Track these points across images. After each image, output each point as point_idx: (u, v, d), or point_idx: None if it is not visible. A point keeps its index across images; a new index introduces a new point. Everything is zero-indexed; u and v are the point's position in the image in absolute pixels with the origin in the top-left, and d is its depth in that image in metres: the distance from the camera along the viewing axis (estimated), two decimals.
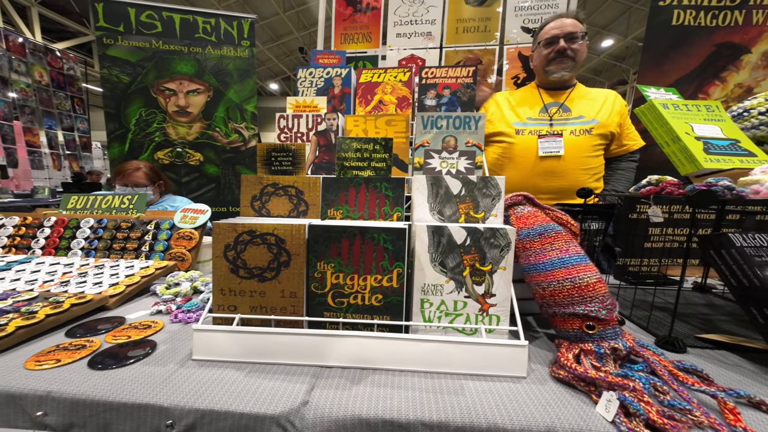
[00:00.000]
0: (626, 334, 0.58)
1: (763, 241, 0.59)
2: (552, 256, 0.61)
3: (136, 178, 1.58)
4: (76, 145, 5.02)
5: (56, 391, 0.48)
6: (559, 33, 1.28)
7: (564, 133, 1.27)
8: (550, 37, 1.29)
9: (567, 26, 1.27)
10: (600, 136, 1.28)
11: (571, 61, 1.29)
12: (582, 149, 1.27)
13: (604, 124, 1.28)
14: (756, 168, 0.61)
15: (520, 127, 1.32)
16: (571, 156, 1.26)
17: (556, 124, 1.30)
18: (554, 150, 1.25)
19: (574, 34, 1.26)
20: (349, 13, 2.19)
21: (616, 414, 0.44)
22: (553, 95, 1.36)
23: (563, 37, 1.27)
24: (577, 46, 1.28)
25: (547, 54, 1.31)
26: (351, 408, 0.46)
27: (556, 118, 1.31)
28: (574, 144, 1.27)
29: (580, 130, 1.28)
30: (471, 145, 0.85)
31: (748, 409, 0.47)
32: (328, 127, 1.01)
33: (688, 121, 0.69)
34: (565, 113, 1.31)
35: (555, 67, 1.31)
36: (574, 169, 1.27)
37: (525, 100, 1.40)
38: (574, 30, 1.27)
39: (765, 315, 0.54)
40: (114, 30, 2.27)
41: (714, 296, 0.95)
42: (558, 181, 1.27)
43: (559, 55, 1.29)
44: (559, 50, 1.28)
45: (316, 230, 0.59)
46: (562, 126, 1.29)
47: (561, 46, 1.27)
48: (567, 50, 1.27)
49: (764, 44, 1.73)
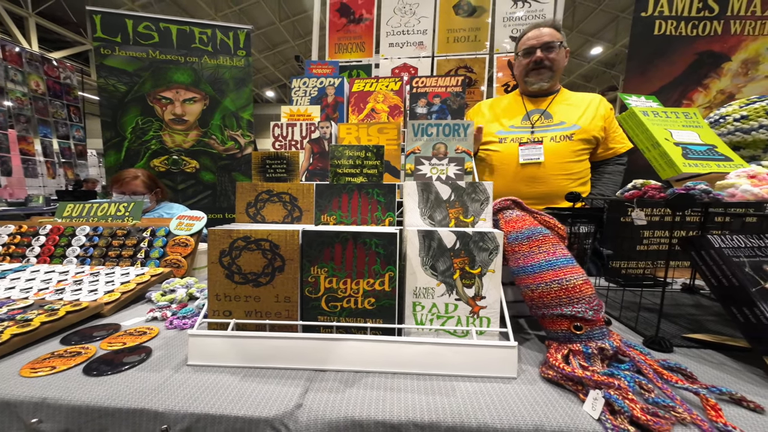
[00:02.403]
0: (613, 334, 0.60)
1: (741, 242, 0.61)
2: (540, 259, 0.63)
3: (134, 186, 1.59)
4: (72, 153, 5.00)
5: (51, 397, 0.48)
6: (535, 43, 1.31)
7: (545, 140, 1.30)
8: (528, 47, 1.33)
9: (544, 36, 1.30)
10: (582, 141, 1.31)
11: (548, 71, 1.32)
12: (562, 155, 1.29)
13: (585, 129, 1.30)
14: (732, 172, 0.63)
15: (503, 135, 1.35)
16: (552, 162, 1.28)
17: (537, 131, 1.33)
18: (534, 157, 1.28)
19: (551, 44, 1.29)
20: (343, 23, 2.24)
21: (602, 412, 0.46)
22: (535, 102, 1.39)
23: (540, 47, 1.30)
24: (554, 55, 1.30)
25: (526, 64, 1.34)
26: (344, 410, 0.47)
27: (538, 125, 1.34)
28: (554, 150, 1.29)
29: (561, 137, 1.30)
30: (460, 152, 0.87)
31: (730, 405, 0.49)
32: (322, 135, 1.04)
33: (668, 128, 0.72)
34: (546, 120, 1.34)
35: (534, 78, 1.34)
36: (555, 175, 1.29)
37: (509, 108, 1.43)
38: (551, 39, 1.29)
39: (744, 313, 0.56)
40: (111, 41, 2.30)
41: (702, 297, 0.98)
42: (540, 187, 1.30)
43: (536, 66, 1.32)
44: (536, 60, 1.31)
45: (310, 236, 0.60)
46: (543, 133, 1.32)
47: (537, 57, 1.30)
48: (544, 60, 1.30)
49: (743, 53, 1.80)
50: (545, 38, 1.30)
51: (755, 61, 1.80)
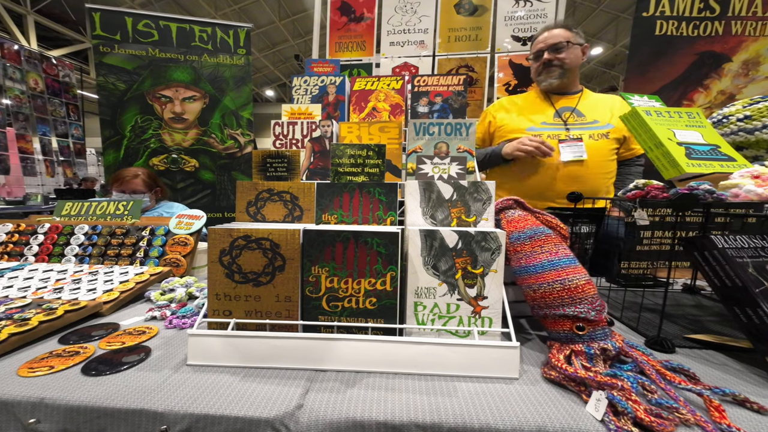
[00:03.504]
0: (615, 334, 0.60)
1: (743, 243, 0.61)
2: (542, 259, 0.62)
3: (134, 185, 1.58)
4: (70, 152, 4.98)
5: (49, 397, 0.48)
6: (543, 46, 1.33)
7: (583, 137, 1.27)
8: (536, 51, 1.36)
9: (551, 38, 1.32)
10: (616, 140, 1.29)
11: (558, 69, 1.32)
12: (601, 153, 1.27)
13: (618, 128, 1.29)
14: (735, 172, 0.63)
15: (537, 132, 1.30)
16: (593, 160, 1.25)
17: (572, 128, 1.30)
18: (578, 155, 1.24)
19: (558, 45, 1.30)
20: (344, 22, 2.23)
21: (605, 413, 0.45)
22: (562, 100, 1.37)
23: (547, 50, 1.32)
24: (563, 54, 1.30)
25: (537, 66, 1.38)
26: (345, 411, 0.47)
27: (571, 122, 1.31)
28: (595, 148, 1.26)
29: (598, 135, 1.28)
30: (462, 151, 0.87)
31: (733, 406, 0.48)
32: (323, 134, 1.03)
33: (671, 127, 0.72)
34: (579, 117, 1.31)
35: (543, 76, 1.36)
36: (595, 174, 1.26)
37: (533, 104, 1.40)
38: (559, 40, 1.30)
39: (747, 314, 0.56)
40: (111, 39, 2.29)
41: (703, 297, 0.97)
42: (579, 186, 1.23)
43: (545, 67, 1.34)
44: (544, 62, 1.33)
45: (311, 235, 0.60)
46: (580, 130, 1.29)
47: (545, 59, 1.32)
48: (553, 60, 1.31)
49: (744, 53, 1.80)
50: (552, 40, 1.31)
51: (756, 61, 1.80)
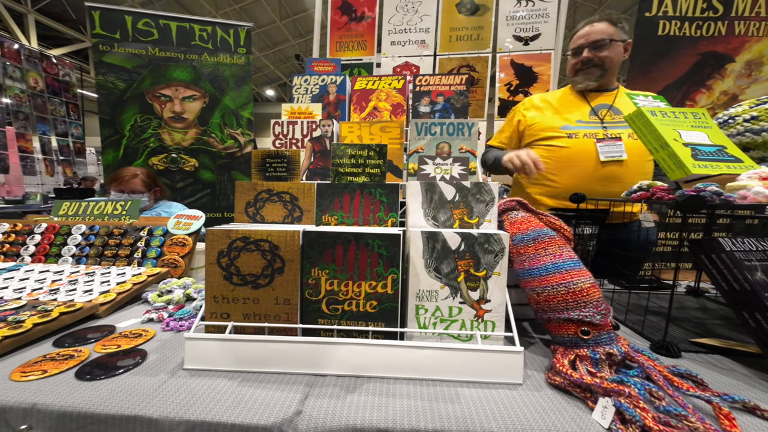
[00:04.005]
0: (621, 339, 0.59)
1: (752, 246, 0.60)
2: (546, 261, 0.61)
3: (133, 185, 1.57)
4: (70, 151, 4.97)
5: (42, 403, 0.47)
6: (584, 42, 1.23)
7: (622, 136, 1.20)
8: (576, 46, 1.25)
9: (593, 34, 1.21)
10: None
11: (598, 70, 1.23)
12: (641, 153, 1.19)
13: None
14: (742, 174, 0.62)
15: (572, 130, 1.24)
16: (632, 160, 1.19)
17: (609, 127, 1.22)
18: (616, 154, 1.17)
19: (600, 42, 1.20)
20: (345, 21, 2.22)
21: (612, 421, 0.44)
22: (598, 97, 1.28)
23: (588, 46, 1.22)
24: (605, 53, 1.21)
25: (574, 64, 1.27)
26: (345, 417, 0.46)
27: (608, 120, 1.23)
28: (634, 148, 1.19)
29: None
30: (464, 152, 0.86)
31: (743, 414, 0.47)
32: (323, 134, 1.02)
33: (676, 128, 0.71)
34: (616, 116, 1.24)
35: (581, 77, 1.27)
36: (634, 174, 1.18)
37: (567, 101, 1.32)
38: (601, 37, 1.20)
39: (756, 319, 0.55)
40: (110, 37, 2.28)
41: (707, 300, 0.96)
42: (616, 187, 1.15)
43: (584, 65, 1.24)
44: (583, 60, 1.23)
45: (311, 236, 0.59)
46: (617, 129, 1.21)
47: (585, 57, 1.22)
48: (593, 59, 1.22)
49: (747, 53, 1.79)
50: (594, 36, 1.21)
51: (759, 62, 1.79)
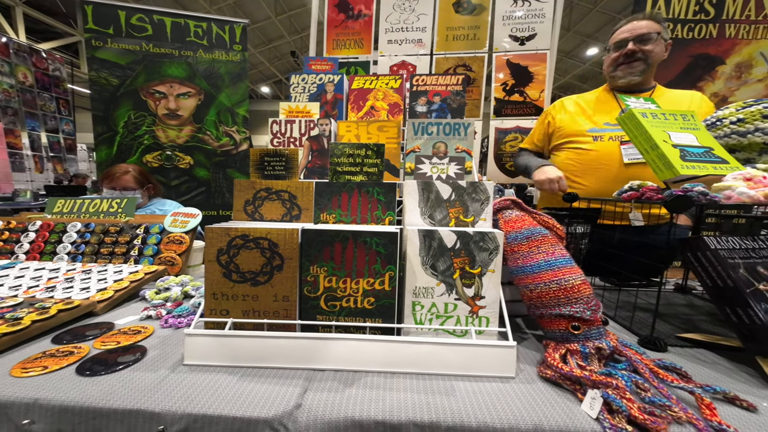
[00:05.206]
0: (610, 334, 0.61)
1: (735, 244, 0.62)
2: (539, 259, 0.63)
3: (125, 182, 1.56)
4: (61, 147, 4.89)
5: (43, 398, 0.47)
6: (628, 36, 1.19)
7: None
8: (619, 40, 1.21)
9: (639, 28, 1.18)
10: None
11: (642, 64, 1.19)
12: None
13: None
14: (728, 174, 0.64)
15: (598, 133, 1.22)
16: None
17: None
18: (640, 156, 1.13)
19: (647, 36, 1.16)
20: (341, 19, 2.22)
21: (600, 411, 0.46)
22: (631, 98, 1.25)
23: (633, 39, 1.18)
24: (650, 47, 1.17)
25: (616, 57, 1.23)
26: (344, 410, 0.47)
27: None
28: None
29: None
30: (461, 151, 0.87)
31: (724, 404, 0.49)
32: (321, 133, 1.03)
33: (666, 130, 0.73)
34: None
35: (622, 71, 1.22)
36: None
37: (598, 103, 1.30)
38: (647, 31, 1.17)
39: (738, 314, 0.57)
40: (103, 32, 2.25)
41: (694, 297, 0.99)
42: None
43: (627, 59, 1.20)
44: (627, 53, 1.19)
45: (309, 234, 0.60)
46: None
47: (629, 49, 1.18)
48: (637, 52, 1.17)
49: (737, 56, 1.83)
50: (640, 30, 1.17)
51: (749, 64, 1.83)
